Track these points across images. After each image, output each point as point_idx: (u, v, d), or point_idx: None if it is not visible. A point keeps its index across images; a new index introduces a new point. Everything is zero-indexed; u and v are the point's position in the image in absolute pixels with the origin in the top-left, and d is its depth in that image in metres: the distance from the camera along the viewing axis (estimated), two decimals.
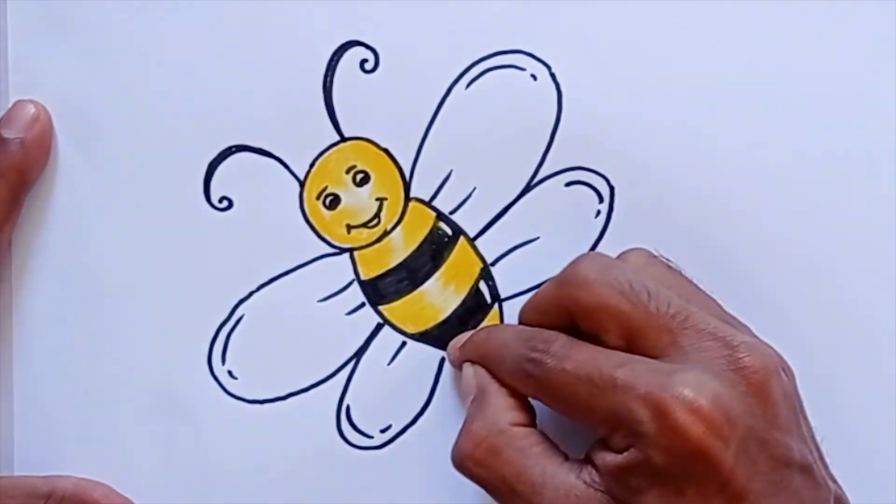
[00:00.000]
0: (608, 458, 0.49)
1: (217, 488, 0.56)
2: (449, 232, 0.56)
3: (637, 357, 0.49)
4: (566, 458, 0.51)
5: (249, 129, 0.56)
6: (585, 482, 0.50)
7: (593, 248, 0.56)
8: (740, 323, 0.52)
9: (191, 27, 0.55)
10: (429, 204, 0.56)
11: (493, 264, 0.56)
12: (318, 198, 0.56)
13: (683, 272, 0.53)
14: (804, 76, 0.56)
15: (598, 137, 0.56)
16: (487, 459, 0.51)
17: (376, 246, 0.56)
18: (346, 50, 0.55)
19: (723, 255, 0.56)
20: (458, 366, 0.55)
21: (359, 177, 0.56)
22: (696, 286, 0.53)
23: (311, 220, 0.56)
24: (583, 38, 0.55)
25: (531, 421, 0.52)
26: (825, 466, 0.51)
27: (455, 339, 0.55)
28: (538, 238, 0.56)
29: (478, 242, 0.56)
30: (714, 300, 0.53)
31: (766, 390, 0.49)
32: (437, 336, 0.56)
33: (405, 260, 0.56)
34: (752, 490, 0.48)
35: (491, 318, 0.56)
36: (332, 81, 0.55)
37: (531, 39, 0.55)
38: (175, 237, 0.56)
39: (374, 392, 0.56)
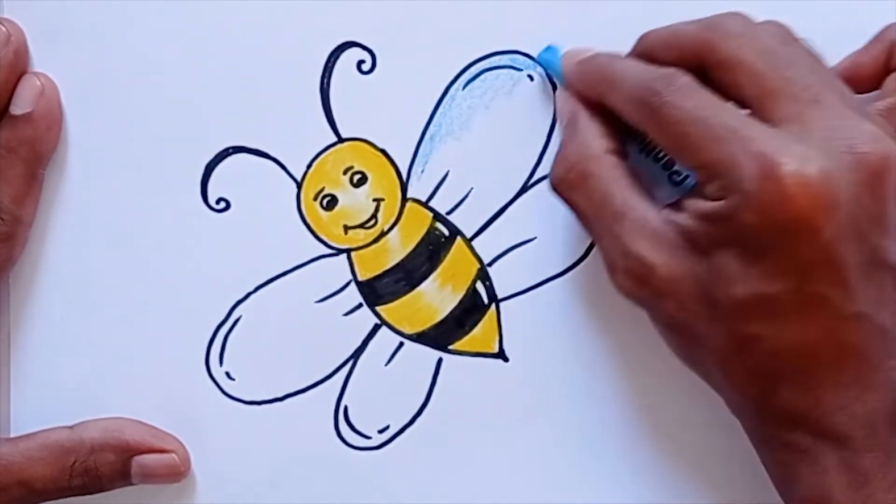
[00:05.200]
0: (698, 203, 0.49)
1: (215, 489, 0.56)
2: (446, 232, 0.56)
3: (761, 123, 0.48)
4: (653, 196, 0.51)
5: (247, 130, 0.56)
6: (665, 219, 0.50)
7: (590, 248, 0.56)
8: (872, 115, 0.50)
9: (187, 28, 0.55)
10: (426, 204, 0.56)
11: (490, 265, 0.56)
12: (315, 199, 0.56)
13: (822, 58, 0.51)
14: None
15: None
16: (578, 183, 0.51)
17: (373, 247, 0.56)
18: (343, 51, 0.56)
19: None
20: (568, 78, 0.54)
21: (356, 177, 0.56)
22: (832, 73, 0.51)
23: (308, 220, 0.56)
24: (580, 38, 0.55)
25: (621, 150, 0.52)
26: None
27: (574, 49, 0.55)
28: (535, 238, 0.56)
29: (475, 243, 0.56)
30: (849, 90, 0.51)
31: (880, 183, 0.48)
32: (434, 336, 0.56)
33: (402, 260, 0.56)
34: (839, 271, 0.47)
35: (488, 319, 0.56)
36: (329, 82, 0.56)
37: (528, 40, 0.56)
38: (172, 238, 0.56)
39: (372, 393, 0.56)
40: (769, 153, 0.47)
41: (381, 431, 0.56)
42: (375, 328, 0.56)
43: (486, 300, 0.56)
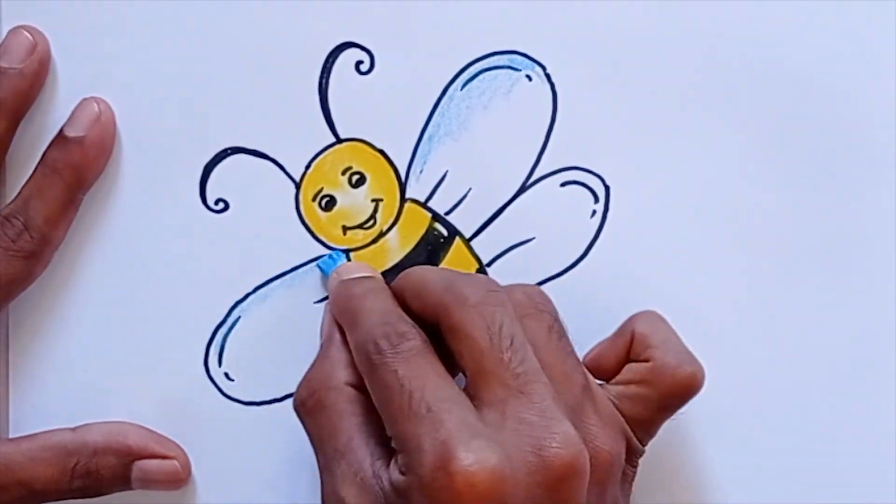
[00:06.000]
0: (392, 469, 0.48)
1: (215, 489, 0.56)
2: (445, 233, 0.56)
3: (465, 401, 0.48)
4: (387, 437, 0.49)
5: (245, 130, 0.56)
6: (375, 472, 0.49)
7: (589, 247, 0.56)
8: (596, 407, 0.50)
9: (186, 29, 0.55)
10: (424, 205, 0.56)
11: (489, 265, 0.56)
12: (313, 199, 0.56)
13: (566, 334, 0.51)
14: (803, 75, 0.56)
15: (593, 137, 0.56)
16: (314, 412, 0.51)
17: (372, 247, 0.56)
18: (341, 51, 0.56)
19: (720, 254, 0.56)
20: (329, 296, 0.54)
21: (354, 178, 0.56)
22: (567, 355, 0.51)
23: (306, 221, 0.56)
24: (578, 38, 0.55)
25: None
26: None
27: (346, 266, 0.55)
28: (534, 238, 0.56)
29: (473, 243, 0.56)
30: (582, 376, 0.50)
31: (564, 488, 0.47)
32: None
33: (401, 261, 0.56)
34: None
35: None
36: (327, 83, 0.56)
37: (526, 40, 0.56)
38: (171, 239, 0.56)
39: None
40: (451, 444, 0.46)
41: None
42: None
43: None
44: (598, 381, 0.52)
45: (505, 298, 0.50)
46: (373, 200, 0.56)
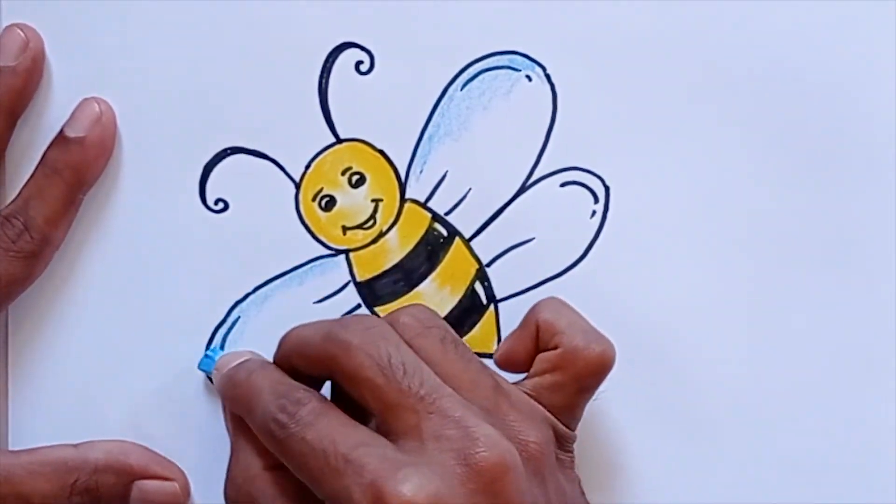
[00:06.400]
0: None
1: (213, 490, 0.56)
2: (444, 233, 0.56)
3: (379, 439, 0.48)
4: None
5: (245, 130, 0.56)
6: None
7: (589, 248, 0.56)
8: (511, 403, 0.50)
9: (185, 29, 0.55)
10: (424, 205, 0.56)
11: (488, 265, 0.56)
12: (313, 199, 0.56)
13: (461, 342, 0.51)
14: (803, 75, 0.56)
15: (593, 138, 0.56)
16: None
17: (372, 247, 0.56)
18: (341, 51, 0.56)
19: (720, 254, 0.56)
20: (220, 393, 0.54)
21: (354, 178, 0.56)
22: (468, 361, 0.51)
23: (306, 221, 0.56)
24: (578, 38, 0.55)
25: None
26: None
27: (226, 356, 0.55)
28: (533, 239, 0.56)
29: (473, 243, 0.56)
30: (490, 377, 0.51)
31: (498, 488, 0.47)
32: None
33: (401, 261, 0.56)
34: None
35: (487, 319, 0.56)
36: (327, 83, 0.56)
37: (526, 40, 0.56)
38: (171, 239, 0.56)
39: None
40: (379, 483, 0.46)
41: None
42: None
43: (484, 301, 0.56)
44: (513, 381, 0.52)
45: (385, 329, 0.50)
46: (373, 200, 0.56)
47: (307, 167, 0.56)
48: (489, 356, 0.56)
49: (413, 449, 0.48)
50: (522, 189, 0.56)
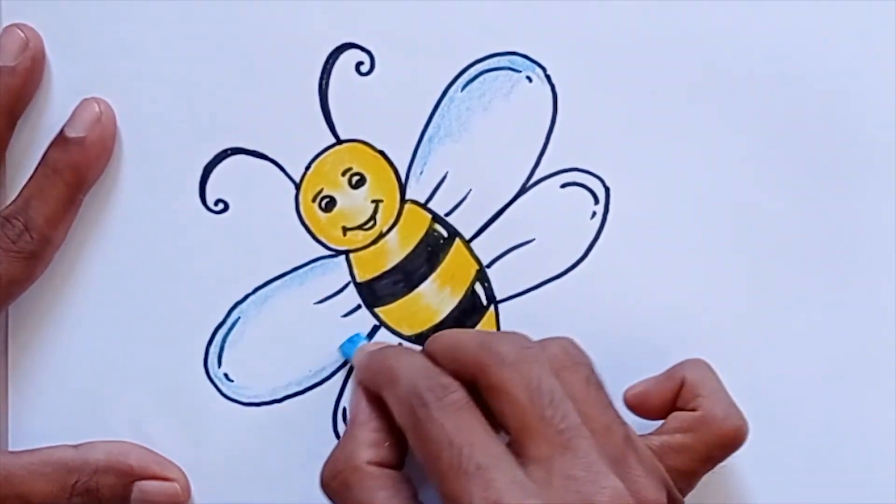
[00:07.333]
0: None
1: (213, 490, 0.56)
2: (444, 234, 0.56)
3: (512, 458, 0.48)
4: None
5: (245, 131, 0.56)
6: None
7: (589, 249, 0.56)
8: (638, 457, 0.50)
9: (185, 30, 0.55)
10: (424, 206, 0.56)
11: (488, 266, 0.56)
12: (313, 200, 0.56)
13: (603, 385, 0.51)
14: (803, 76, 0.56)
15: (593, 139, 0.56)
16: (340, 492, 0.51)
17: (372, 248, 0.56)
18: (341, 52, 0.56)
19: (720, 255, 0.56)
20: (356, 370, 0.54)
21: (354, 179, 0.56)
22: (606, 406, 0.51)
23: (306, 222, 0.56)
24: (578, 39, 0.55)
25: (393, 459, 0.51)
26: None
27: (371, 343, 0.55)
28: (534, 239, 0.56)
29: (473, 244, 0.56)
30: (623, 427, 0.51)
31: None
32: None
33: (401, 262, 0.56)
34: None
35: (487, 320, 0.56)
36: (327, 84, 0.56)
37: (526, 41, 0.56)
38: (171, 240, 0.56)
39: None
40: (503, 503, 0.47)
41: None
42: (374, 329, 0.56)
43: (484, 301, 0.56)
44: (641, 433, 0.53)
45: (540, 354, 0.50)
46: (373, 201, 0.56)
47: (307, 168, 0.56)
48: None
49: (541, 480, 0.48)
50: (523, 190, 0.56)
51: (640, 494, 0.49)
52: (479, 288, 0.56)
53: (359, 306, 0.56)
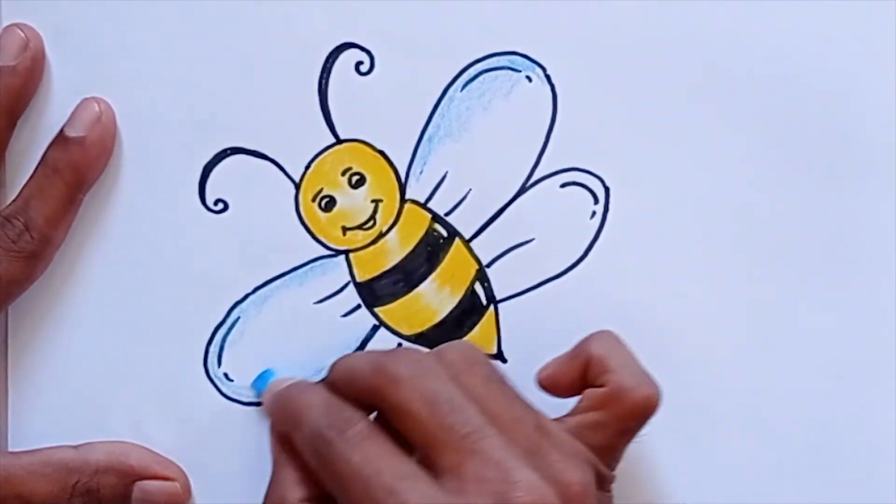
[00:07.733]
0: None
1: (213, 490, 0.56)
2: (444, 233, 0.56)
3: (422, 475, 0.48)
4: None
5: (245, 131, 0.56)
6: None
7: (589, 248, 0.56)
8: (553, 442, 0.50)
9: (185, 29, 0.55)
10: (424, 206, 0.56)
11: (488, 266, 0.56)
12: (313, 200, 0.56)
13: (506, 380, 0.51)
14: (803, 76, 0.56)
15: (593, 138, 0.56)
16: None
17: (372, 248, 0.56)
18: (341, 52, 0.56)
19: (720, 255, 0.56)
20: (267, 412, 0.55)
21: (354, 179, 0.56)
22: (511, 399, 0.50)
23: (306, 222, 0.56)
24: (578, 39, 0.55)
25: (319, 494, 0.51)
26: None
27: (278, 380, 0.55)
28: (533, 239, 0.56)
29: (473, 244, 0.56)
30: (534, 416, 0.50)
31: None
32: (433, 338, 0.56)
33: (401, 262, 0.56)
34: None
35: (487, 320, 0.56)
36: (327, 83, 0.56)
37: (526, 41, 0.56)
38: (170, 239, 0.56)
39: None
40: None
41: None
42: (374, 329, 0.56)
43: (484, 301, 0.56)
44: (559, 415, 0.52)
45: (434, 364, 0.50)
46: (372, 201, 0.56)
47: (307, 167, 0.56)
48: (490, 357, 0.56)
49: (454, 489, 0.47)
50: (522, 190, 0.56)
51: (561, 478, 0.48)
52: (478, 287, 0.56)
53: (358, 306, 0.56)
